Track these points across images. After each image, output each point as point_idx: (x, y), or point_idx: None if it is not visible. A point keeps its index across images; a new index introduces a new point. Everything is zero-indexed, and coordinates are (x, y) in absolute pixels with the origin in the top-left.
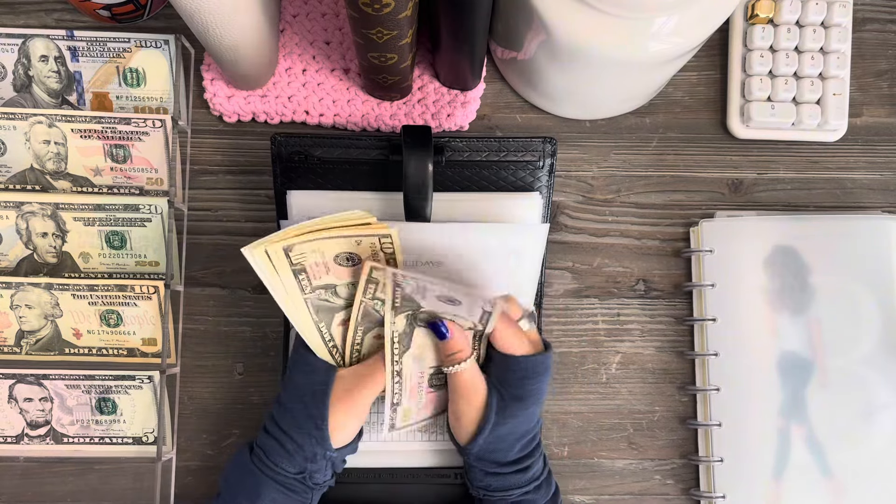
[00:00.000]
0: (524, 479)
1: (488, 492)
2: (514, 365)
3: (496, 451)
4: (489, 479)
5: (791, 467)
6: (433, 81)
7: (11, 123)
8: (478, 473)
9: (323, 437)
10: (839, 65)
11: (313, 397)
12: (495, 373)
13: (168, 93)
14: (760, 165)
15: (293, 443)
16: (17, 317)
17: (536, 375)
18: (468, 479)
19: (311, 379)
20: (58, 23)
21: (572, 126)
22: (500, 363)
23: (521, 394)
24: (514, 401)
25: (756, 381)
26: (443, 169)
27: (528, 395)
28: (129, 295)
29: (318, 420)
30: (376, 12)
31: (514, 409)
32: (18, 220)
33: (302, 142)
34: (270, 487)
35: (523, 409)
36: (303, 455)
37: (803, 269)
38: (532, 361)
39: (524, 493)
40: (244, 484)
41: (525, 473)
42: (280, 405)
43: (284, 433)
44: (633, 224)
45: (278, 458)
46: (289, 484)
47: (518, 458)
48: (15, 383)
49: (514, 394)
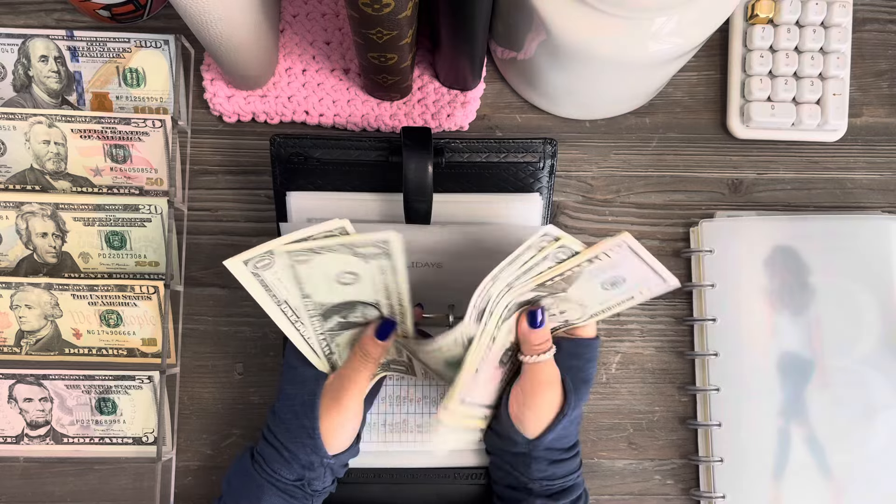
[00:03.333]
0: (579, 460)
1: (551, 481)
2: (587, 349)
3: (564, 438)
4: (554, 467)
5: (791, 467)
6: (433, 81)
7: (11, 123)
8: (542, 464)
9: (316, 446)
10: (839, 65)
11: (303, 407)
12: (562, 359)
13: (168, 93)
14: (760, 165)
15: (288, 452)
16: (17, 317)
17: (596, 357)
18: (522, 473)
19: (300, 389)
20: (58, 23)
21: (572, 126)
22: (571, 348)
23: (587, 376)
24: (583, 384)
25: (756, 381)
26: (443, 170)
27: (591, 377)
28: (129, 295)
29: (309, 430)
30: (376, 12)
31: (582, 393)
32: (18, 220)
33: (301, 143)
34: (271, 493)
35: (588, 391)
36: (299, 463)
37: (803, 269)
38: (597, 343)
39: (579, 474)
40: (246, 488)
41: (579, 455)
42: (274, 415)
43: (280, 443)
44: (633, 224)
45: (277, 465)
46: (289, 490)
47: (576, 442)
48: (15, 383)
49: (583, 377)
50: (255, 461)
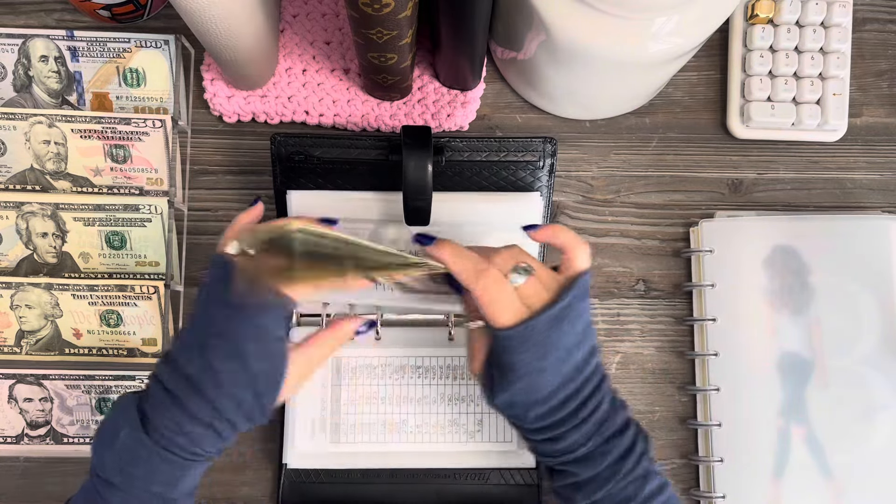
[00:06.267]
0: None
1: (552, 457)
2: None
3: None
4: (545, 434)
5: (791, 467)
6: (433, 81)
7: (11, 123)
8: (533, 435)
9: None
10: (839, 65)
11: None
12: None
13: (168, 93)
14: (760, 165)
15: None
16: (17, 317)
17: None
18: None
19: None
20: (58, 23)
21: (572, 126)
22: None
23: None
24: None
25: (756, 381)
26: (443, 169)
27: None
28: (129, 295)
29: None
30: (376, 12)
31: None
32: (18, 220)
33: (302, 142)
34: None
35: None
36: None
37: (803, 269)
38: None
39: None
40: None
41: (594, 417)
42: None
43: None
44: (633, 224)
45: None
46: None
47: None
48: (15, 383)
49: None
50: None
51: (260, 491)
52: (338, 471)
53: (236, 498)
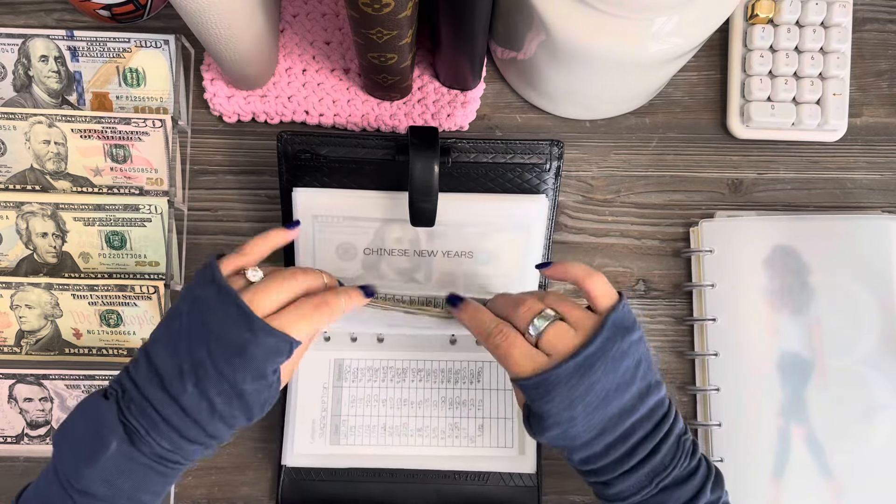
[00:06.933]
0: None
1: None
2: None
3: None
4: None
5: (791, 467)
6: (433, 81)
7: (11, 123)
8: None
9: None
10: (839, 65)
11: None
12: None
13: (168, 93)
14: (760, 165)
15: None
16: (17, 317)
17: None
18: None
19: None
20: (58, 23)
21: (572, 126)
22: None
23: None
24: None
25: (756, 381)
26: (449, 170)
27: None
28: (129, 295)
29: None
30: (376, 12)
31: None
32: (18, 220)
33: (308, 140)
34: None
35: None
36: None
37: (803, 269)
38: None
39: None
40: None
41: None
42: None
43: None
44: (633, 224)
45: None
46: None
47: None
48: (15, 383)
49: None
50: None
51: (260, 491)
52: (337, 470)
53: (236, 498)
